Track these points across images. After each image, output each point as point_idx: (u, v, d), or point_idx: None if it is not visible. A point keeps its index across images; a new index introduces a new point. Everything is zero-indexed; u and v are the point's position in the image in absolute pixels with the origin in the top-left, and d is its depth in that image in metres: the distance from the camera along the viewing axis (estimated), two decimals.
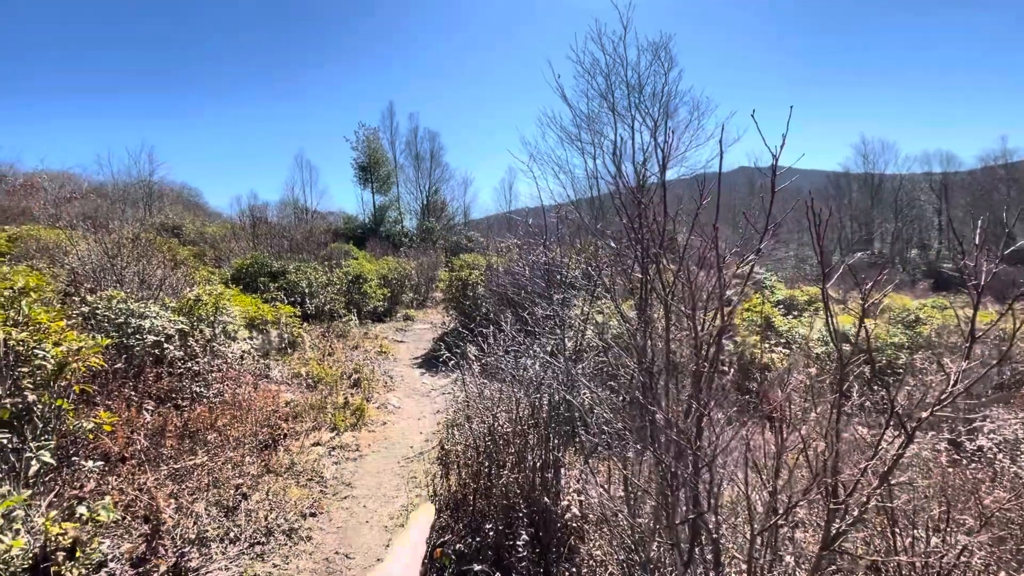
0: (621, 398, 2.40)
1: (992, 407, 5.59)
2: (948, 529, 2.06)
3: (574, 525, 2.39)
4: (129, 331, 5.05)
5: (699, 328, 1.94)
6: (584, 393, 2.84)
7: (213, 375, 5.47)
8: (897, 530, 1.96)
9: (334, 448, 5.18)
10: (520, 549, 2.30)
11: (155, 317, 5.34)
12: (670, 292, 2.03)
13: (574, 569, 2.18)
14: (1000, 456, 3.88)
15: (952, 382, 1.53)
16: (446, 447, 3.26)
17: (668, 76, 16.98)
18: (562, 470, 3.01)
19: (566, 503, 2.45)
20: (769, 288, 13.44)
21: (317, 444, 5.20)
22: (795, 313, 11.13)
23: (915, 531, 2.06)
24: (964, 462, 4.18)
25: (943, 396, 1.52)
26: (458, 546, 2.59)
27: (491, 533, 2.52)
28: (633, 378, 2.07)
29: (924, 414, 1.60)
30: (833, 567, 2.08)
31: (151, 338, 5.10)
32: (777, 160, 1.80)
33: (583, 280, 3.54)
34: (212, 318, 6.40)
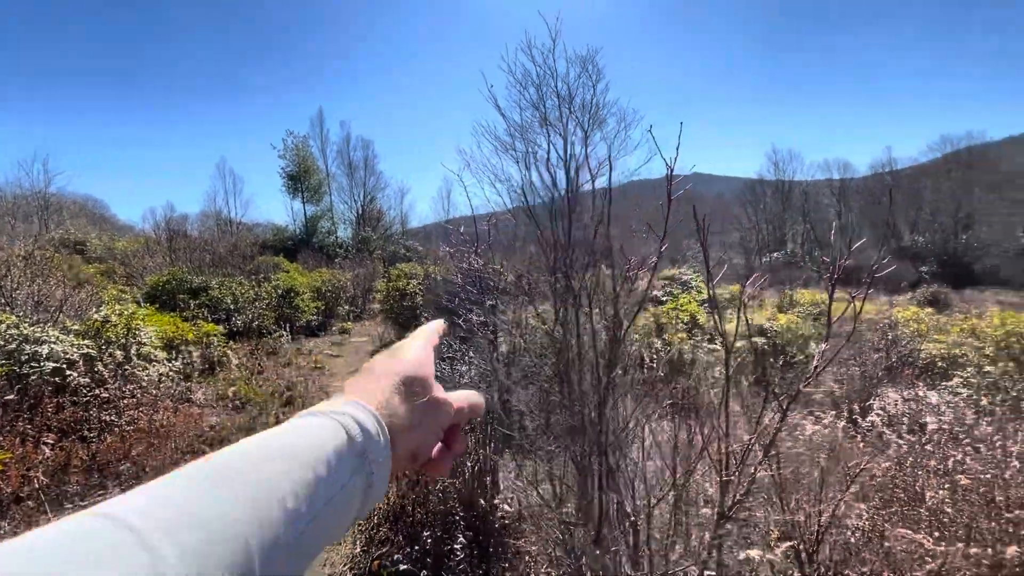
0: (544, 397, 2.51)
1: (882, 386, 6.30)
2: (824, 494, 2.32)
3: (508, 523, 2.46)
4: (23, 358, 4.58)
5: (605, 326, 2.08)
6: (518, 394, 2.93)
7: (126, 401, 5.06)
8: (783, 495, 2.20)
9: None
10: (458, 552, 2.34)
11: (54, 342, 4.87)
12: (581, 295, 2.16)
13: (506, 565, 2.25)
14: (886, 429, 4.39)
15: (814, 365, 1.75)
16: None
17: (596, 88, 17.67)
18: (500, 472, 3.07)
19: (497, 502, 2.52)
20: (695, 288, 14.29)
21: None
22: (718, 311, 11.91)
23: (797, 495, 2.31)
24: (858, 437, 4.68)
25: (807, 376, 1.74)
26: (396, 556, 2.58)
27: (429, 540, 2.53)
28: (553, 376, 2.18)
29: (807, 389, 1.81)
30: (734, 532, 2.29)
31: (50, 365, 4.64)
32: (672, 170, 1.98)
33: (515, 286, 3.65)
34: (124, 340, 5.92)
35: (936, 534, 2.85)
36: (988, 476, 3.25)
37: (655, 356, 6.42)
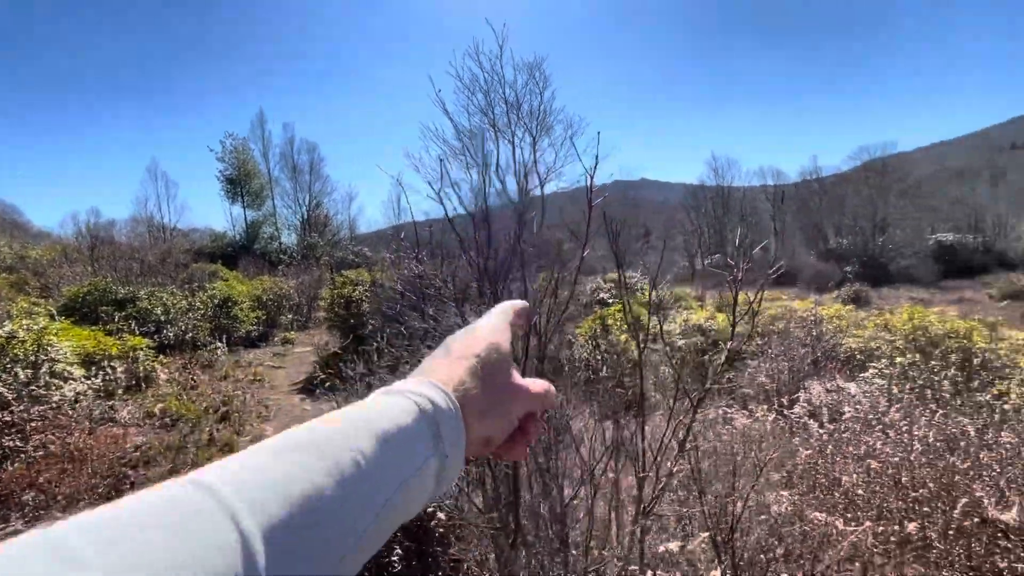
0: None
1: (809, 379, 6.72)
2: (739, 484, 2.44)
3: (443, 532, 2.43)
4: None
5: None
6: None
7: (33, 425, 4.62)
8: (703, 488, 2.30)
9: None
10: (396, 563, 2.28)
11: None
12: (503, 298, 2.18)
13: (440, 575, 2.23)
14: (810, 420, 4.69)
15: (722, 359, 1.84)
16: None
17: (543, 95, 18.01)
18: None
19: (432, 510, 2.49)
20: (640, 290, 14.75)
21: None
22: (663, 311, 12.34)
23: (715, 486, 2.43)
24: (786, 428, 4.96)
25: (716, 374, 1.83)
26: None
27: None
28: None
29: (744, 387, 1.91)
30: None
31: None
32: (592, 178, 2.04)
33: (457, 292, 3.63)
34: (33, 358, 5.42)
35: (849, 515, 3.06)
36: (896, 459, 3.52)
37: (601, 357, 6.58)
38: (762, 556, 2.08)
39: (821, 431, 4.15)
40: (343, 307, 9.89)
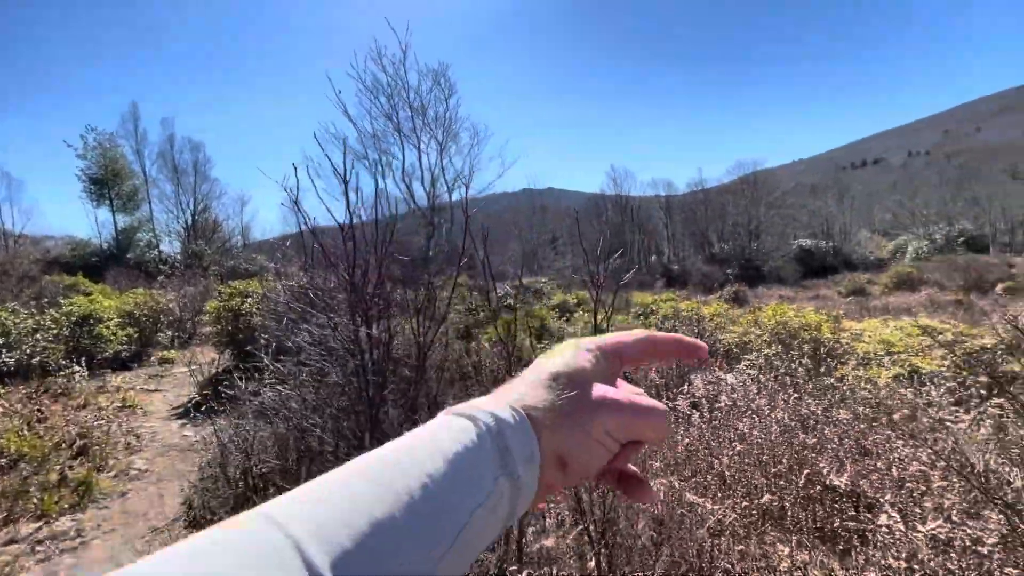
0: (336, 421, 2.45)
1: (694, 373, 7.35)
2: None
3: None
4: None
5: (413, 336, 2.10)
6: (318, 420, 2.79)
7: None
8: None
9: (41, 541, 3.99)
10: None
11: None
12: (371, 308, 2.15)
13: None
14: (693, 411, 5.14)
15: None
16: (194, 505, 2.83)
17: (449, 102, 18.10)
18: None
19: None
20: (547, 294, 15.19)
21: (12, 542, 3.94)
22: (568, 315, 12.84)
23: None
24: (673, 420, 5.37)
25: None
26: None
27: None
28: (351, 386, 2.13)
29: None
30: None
31: None
32: (468, 188, 2.07)
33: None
34: None
35: (722, 494, 3.39)
36: (760, 440, 3.95)
37: (508, 361, 6.68)
38: (637, 542, 2.23)
39: (700, 420, 4.56)
40: (231, 321, 9.07)
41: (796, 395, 4.95)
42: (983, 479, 2.48)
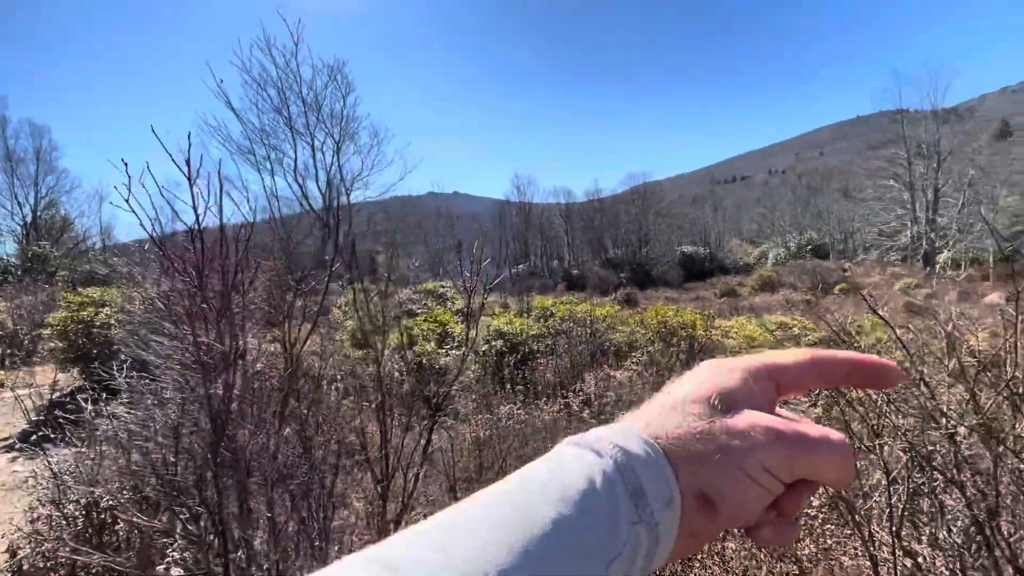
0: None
1: (587, 371, 7.76)
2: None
3: None
4: None
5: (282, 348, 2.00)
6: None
7: None
8: (453, 484, 2.48)
9: None
10: None
11: None
12: (223, 319, 2.03)
13: None
14: (585, 407, 5.46)
15: (457, 368, 2.01)
16: (19, 553, 2.41)
17: (347, 100, 17.37)
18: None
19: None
20: (451, 299, 15.14)
21: None
22: (472, 319, 12.88)
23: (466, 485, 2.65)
24: (568, 416, 5.62)
25: (455, 377, 2.00)
26: None
27: None
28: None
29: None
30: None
31: None
32: (349, 194, 2.02)
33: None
34: None
35: None
36: None
37: (404, 369, 6.53)
38: None
39: (589, 415, 4.82)
40: (82, 335, 7.85)
41: None
42: None
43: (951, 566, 1.94)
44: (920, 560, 2.06)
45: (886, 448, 2.17)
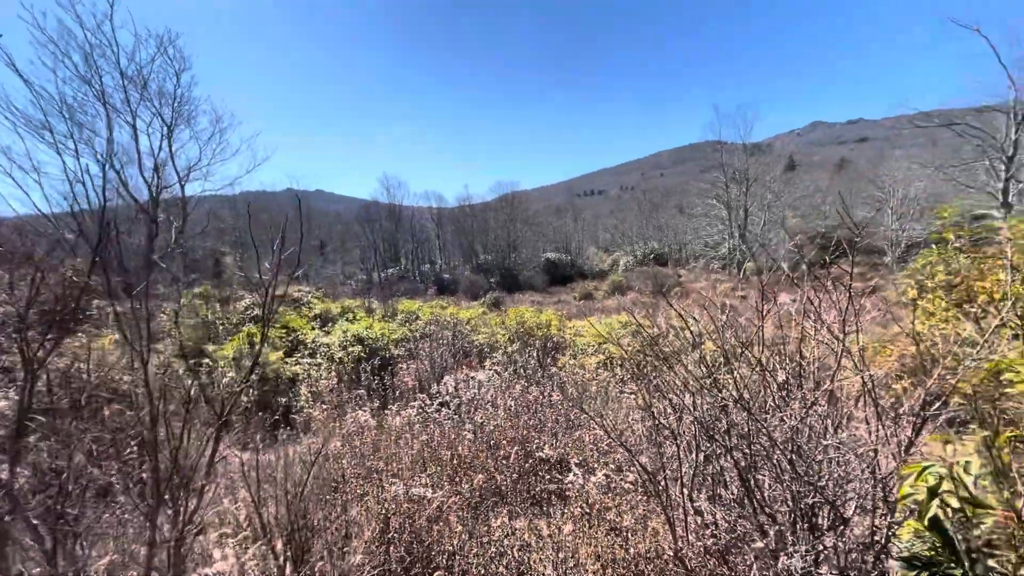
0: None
1: (449, 373, 7.77)
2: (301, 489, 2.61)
3: None
4: None
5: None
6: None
7: None
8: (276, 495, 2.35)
9: None
10: None
11: None
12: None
13: None
14: (441, 409, 5.46)
15: (324, 383, 1.91)
16: None
17: (180, 78, 15.11)
18: None
19: None
20: (307, 304, 14.09)
21: None
22: (330, 324, 12.12)
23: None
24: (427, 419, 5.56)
25: (321, 383, 1.89)
26: None
27: None
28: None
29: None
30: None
31: None
32: (183, 184, 1.78)
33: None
34: None
35: (460, 479, 3.65)
36: (492, 426, 4.38)
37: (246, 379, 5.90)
38: (334, 548, 2.23)
39: (445, 416, 4.84)
40: None
41: (526, 384, 5.68)
42: (623, 439, 3.24)
43: (727, 517, 2.32)
44: (707, 516, 2.44)
45: (683, 423, 2.54)
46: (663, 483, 2.41)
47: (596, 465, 3.87)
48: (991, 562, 1.52)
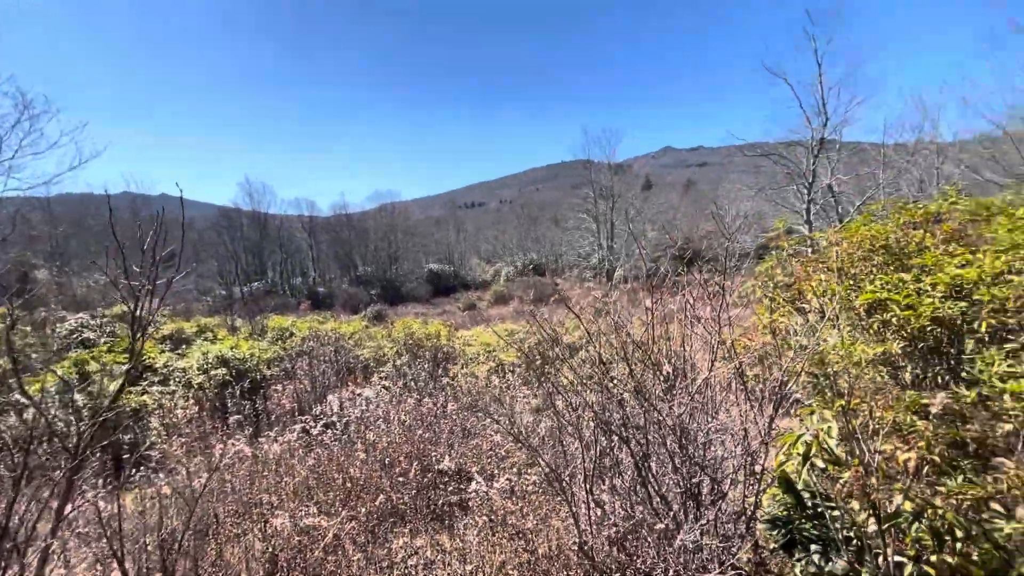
0: None
1: (332, 392, 7.25)
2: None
3: None
4: None
5: None
6: None
7: None
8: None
9: None
10: None
11: None
12: None
13: None
14: (327, 430, 5.06)
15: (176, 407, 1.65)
16: None
17: None
18: None
19: None
20: (155, 323, 12.22)
21: None
22: (184, 345, 10.60)
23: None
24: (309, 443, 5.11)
25: (178, 413, 1.63)
26: None
27: None
28: None
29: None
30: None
31: None
32: None
33: None
34: None
35: (352, 503, 3.39)
36: (385, 443, 4.17)
37: (75, 412, 4.87)
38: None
39: (331, 439, 4.49)
40: None
41: (419, 396, 5.51)
42: (527, 439, 3.30)
43: (623, 505, 2.47)
44: (606, 507, 2.57)
45: (582, 419, 2.65)
46: (566, 479, 2.50)
47: (496, 471, 3.87)
48: (836, 512, 1.83)
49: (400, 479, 3.65)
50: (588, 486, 2.44)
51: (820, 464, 1.57)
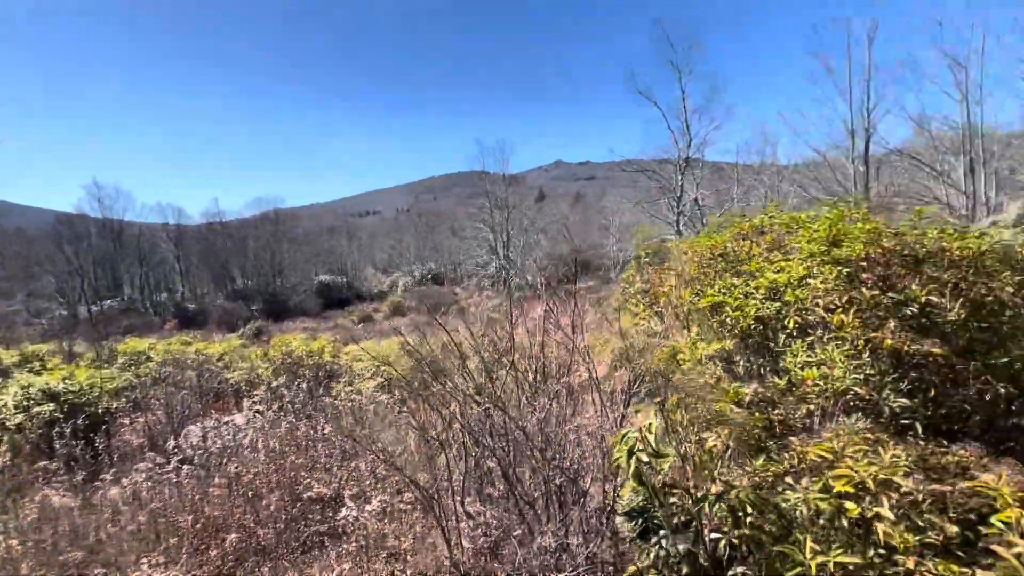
0: None
1: (193, 421, 6.49)
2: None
3: None
4: None
5: None
6: None
7: None
8: None
9: None
10: None
11: None
12: None
13: None
14: (184, 466, 4.50)
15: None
16: None
17: None
18: None
19: None
20: None
21: None
22: (0, 380, 8.83)
23: None
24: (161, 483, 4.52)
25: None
26: None
27: None
28: None
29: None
30: None
31: None
32: None
33: None
34: None
35: (215, 542, 3.04)
36: (251, 475, 3.82)
37: None
38: None
39: (187, 474, 4.00)
40: None
41: (294, 419, 5.14)
42: (401, 459, 3.23)
43: (495, 513, 2.51)
44: (478, 518, 2.58)
45: (452, 432, 2.65)
46: (436, 496, 2.47)
47: (373, 493, 3.72)
48: (673, 499, 2.02)
49: (266, 512, 3.36)
50: (459, 499, 2.44)
51: (645, 458, 1.74)
